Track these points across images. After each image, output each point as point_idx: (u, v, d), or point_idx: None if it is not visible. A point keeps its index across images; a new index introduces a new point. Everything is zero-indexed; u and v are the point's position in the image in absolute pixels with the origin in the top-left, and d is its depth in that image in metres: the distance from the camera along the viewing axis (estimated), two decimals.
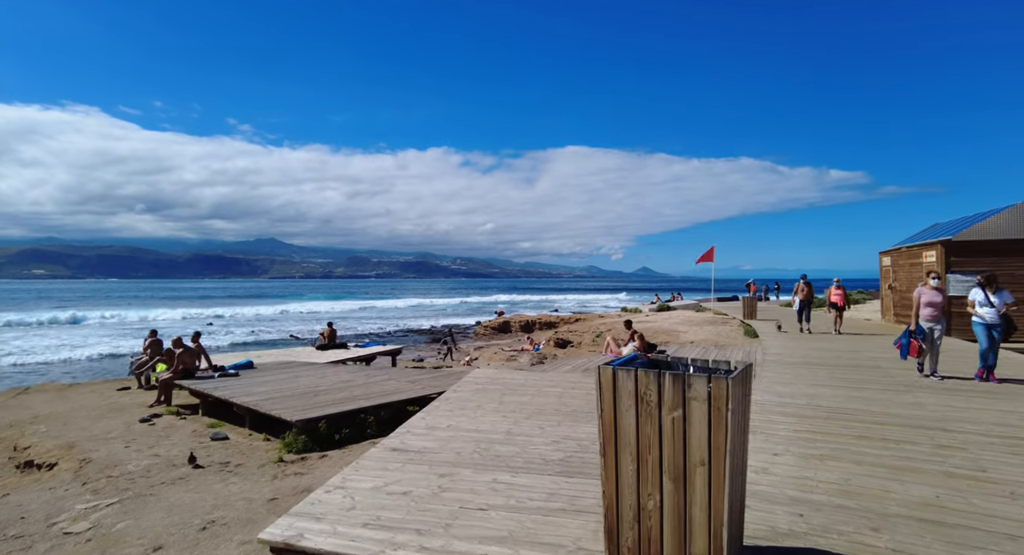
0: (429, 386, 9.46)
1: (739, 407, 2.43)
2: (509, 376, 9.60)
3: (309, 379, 10.26)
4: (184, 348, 10.58)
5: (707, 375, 2.33)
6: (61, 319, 41.49)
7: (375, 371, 11.56)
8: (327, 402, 8.35)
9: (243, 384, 9.84)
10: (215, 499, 5.56)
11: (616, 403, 2.48)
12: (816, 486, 3.99)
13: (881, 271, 20.87)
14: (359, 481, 4.64)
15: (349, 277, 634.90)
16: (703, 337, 17.95)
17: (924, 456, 4.66)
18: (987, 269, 14.34)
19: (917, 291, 8.62)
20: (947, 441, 5.11)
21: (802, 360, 10.53)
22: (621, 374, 2.48)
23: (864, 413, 6.23)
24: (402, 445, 5.64)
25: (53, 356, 23.48)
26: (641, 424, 2.45)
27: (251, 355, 15.77)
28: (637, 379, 2.45)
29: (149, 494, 5.71)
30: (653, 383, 2.41)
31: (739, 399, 2.41)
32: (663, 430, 2.41)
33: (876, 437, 5.25)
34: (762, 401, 6.86)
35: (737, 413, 2.38)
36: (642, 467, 2.46)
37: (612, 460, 2.52)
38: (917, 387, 7.73)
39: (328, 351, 15.48)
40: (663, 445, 2.42)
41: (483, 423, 6.43)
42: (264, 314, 51.87)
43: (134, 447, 7.60)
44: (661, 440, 2.42)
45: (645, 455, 2.45)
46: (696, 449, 2.35)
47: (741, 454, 2.56)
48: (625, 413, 2.47)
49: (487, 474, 4.73)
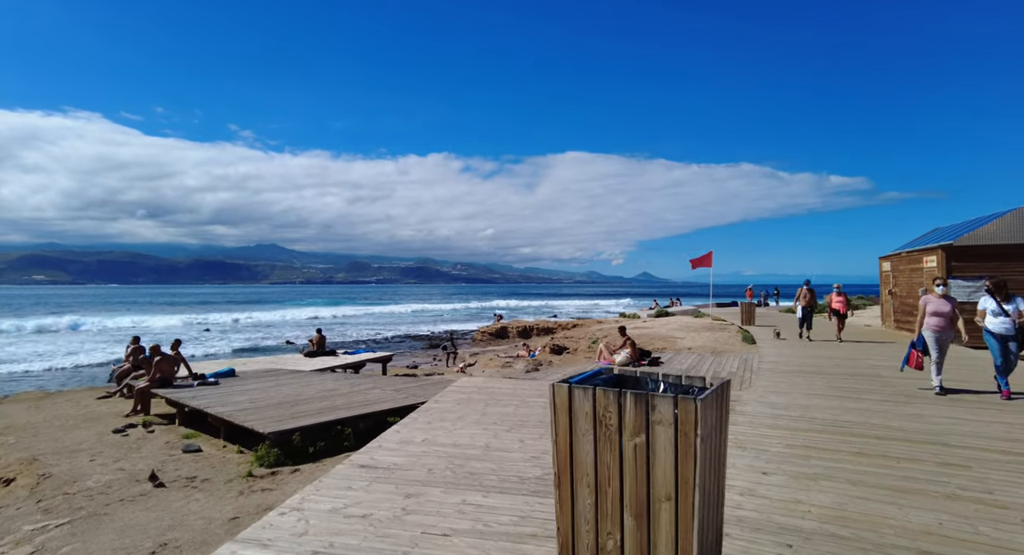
0: (413, 395, 9.13)
1: (712, 432, 2.11)
2: (496, 385, 9.28)
3: (291, 388, 9.94)
4: (162, 356, 10.27)
5: (674, 396, 2.02)
6: (55, 325, 41.19)
7: (360, 379, 11.23)
8: (305, 412, 8.03)
9: (221, 393, 9.52)
10: (172, 518, 5.24)
11: (572, 427, 2.18)
12: (808, 511, 3.66)
13: (881, 276, 20.55)
14: (318, 502, 4.32)
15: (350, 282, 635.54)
16: (700, 343, 17.61)
17: (926, 476, 4.33)
18: (989, 274, 14.02)
19: (923, 299, 7.94)
20: (950, 458, 4.78)
21: (799, 368, 10.20)
22: (577, 393, 2.17)
23: (862, 426, 5.90)
24: (371, 461, 5.33)
25: (42, 363, 23.18)
26: (600, 451, 2.14)
27: (239, 362, 15.46)
28: (595, 399, 2.14)
29: (104, 513, 5.38)
30: (613, 404, 2.10)
31: (712, 423, 2.10)
32: (624, 458, 2.10)
33: (874, 453, 4.93)
34: (754, 413, 6.54)
35: (710, 439, 2.06)
36: (601, 500, 2.15)
37: (568, 492, 2.20)
38: (917, 398, 7.39)
39: (316, 358, 15.15)
40: (624, 476, 2.10)
41: (461, 436, 6.11)
42: (262, 320, 51.57)
43: (99, 461, 7.27)
44: (622, 470, 2.11)
45: (604, 487, 2.14)
46: (661, 481, 2.04)
47: (715, 485, 2.24)
48: (582, 438, 2.16)
49: (457, 494, 4.42)
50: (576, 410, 2.17)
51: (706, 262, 27.13)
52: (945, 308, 7.68)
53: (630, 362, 11.99)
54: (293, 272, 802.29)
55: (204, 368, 12.93)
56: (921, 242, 17.76)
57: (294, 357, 16.22)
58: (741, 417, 6.35)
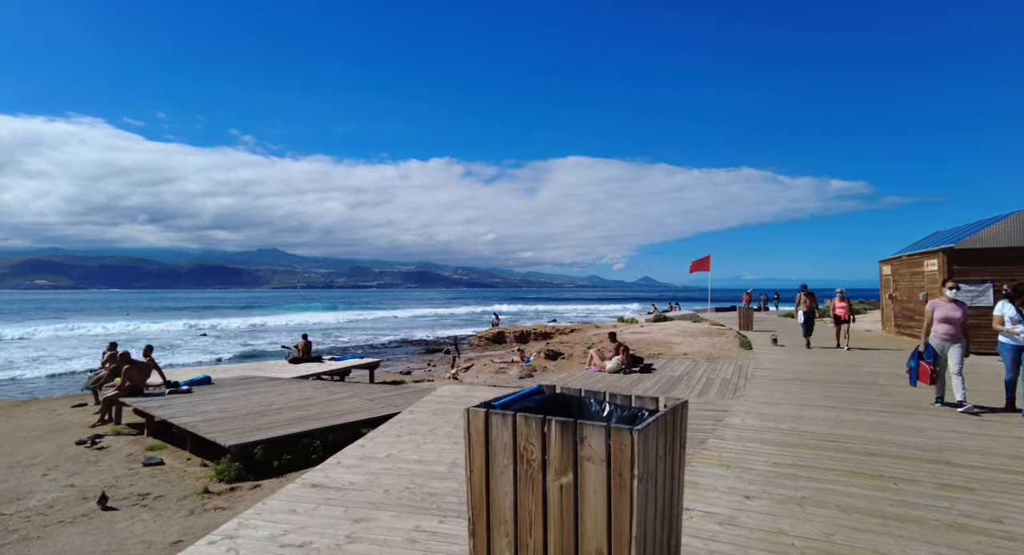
0: (390, 405, 8.73)
1: (658, 470, 1.72)
2: (476, 394, 8.88)
3: (265, 397, 9.55)
4: (132, 363, 9.89)
5: (606, 426, 1.62)
6: (48, 331, 40.82)
7: (339, 387, 10.83)
8: (273, 424, 7.64)
9: (191, 402, 9.13)
10: (110, 542, 4.84)
11: (489, 461, 1.79)
12: (791, 544, 3.24)
13: (881, 280, 20.11)
14: (255, 528, 3.93)
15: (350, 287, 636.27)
16: (697, 349, 17.18)
17: (925, 500, 3.91)
18: (994, 278, 13.59)
19: (930, 304, 7.12)
20: (952, 478, 4.36)
21: (795, 375, 9.78)
22: (495, 421, 1.78)
23: (856, 441, 5.49)
24: (325, 480, 4.93)
25: (28, 371, 22.77)
26: (521, 493, 1.75)
27: (220, 369, 15.08)
28: (515, 428, 1.75)
29: (37, 537, 4.99)
30: (536, 435, 1.71)
31: (657, 459, 1.70)
32: (549, 502, 1.71)
33: (868, 472, 4.51)
34: (742, 425, 6.13)
35: (651, 480, 1.67)
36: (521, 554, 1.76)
37: (483, 542, 1.81)
38: (916, 408, 6.97)
39: (300, 365, 14.76)
40: (548, 524, 1.72)
41: (429, 451, 5.72)
42: (261, 324, 51.16)
43: (52, 476, 6.88)
44: (546, 517, 1.72)
45: (525, 538, 1.75)
46: (591, 533, 1.65)
47: (665, 537, 1.83)
48: (500, 476, 1.77)
49: (411, 519, 4.02)
50: (493, 441, 1.78)
51: (704, 266, 26.67)
52: (956, 314, 6.87)
53: (621, 369, 11.58)
54: (294, 277, 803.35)
55: (185, 375, 12.56)
56: (922, 245, 17.34)
57: (278, 363, 15.83)
58: (728, 431, 5.94)
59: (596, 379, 10.57)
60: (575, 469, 1.67)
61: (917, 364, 7.05)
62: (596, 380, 10.46)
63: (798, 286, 16.08)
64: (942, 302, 7.04)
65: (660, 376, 10.69)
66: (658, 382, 9.93)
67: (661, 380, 10.17)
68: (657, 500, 1.72)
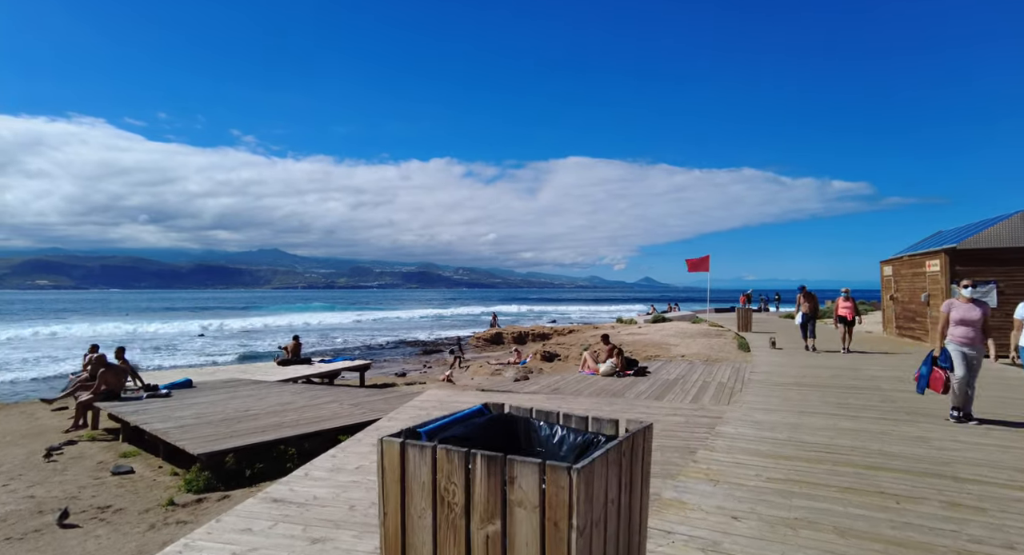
0: (373, 410, 8.42)
1: (607, 516, 1.40)
2: (461, 399, 8.56)
3: (244, 401, 9.24)
4: (107, 366, 9.58)
5: (540, 463, 1.31)
6: (45, 332, 40.58)
7: (321, 392, 10.52)
8: (248, 430, 7.33)
9: (168, 407, 8.83)
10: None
11: (405, 504, 1.48)
12: None
13: (882, 281, 19.77)
14: (204, 549, 3.62)
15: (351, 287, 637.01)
16: (695, 350, 16.86)
17: (931, 522, 3.58)
18: (997, 279, 13.26)
19: (945, 304, 6.51)
20: (960, 496, 4.04)
21: (793, 380, 9.45)
22: (412, 454, 1.47)
23: (856, 452, 5.16)
24: (289, 493, 4.62)
25: (17, 373, 22.48)
26: (441, 542, 1.43)
27: (206, 371, 14.78)
28: (435, 463, 1.43)
29: None
30: (459, 472, 1.40)
31: (605, 502, 1.39)
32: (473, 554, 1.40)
33: (868, 489, 4.19)
34: (734, 435, 5.80)
35: (597, 530, 1.35)
36: None
37: None
38: (921, 416, 6.63)
39: (289, 367, 14.44)
40: None
41: None
42: (260, 325, 50.85)
43: (13, 486, 6.57)
44: None
45: None
46: None
47: None
48: (417, 521, 1.46)
49: (372, 540, 3.70)
50: (410, 478, 1.47)
51: (703, 266, 26.33)
52: (974, 315, 6.23)
53: (615, 371, 11.26)
54: (295, 277, 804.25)
55: (171, 377, 12.25)
56: (924, 246, 17.00)
57: (267, 365, 15.52)
58: (719, 440, 5.62)
59: (588, 382, 10.25)
60: (503, 516, 1.36)
61: (930, 370, 6.44)
62: (588, 383, 10.14)
63: (796, 287, 15.71)
64: (958, 302, 6.43)
65: (654, 380, 10.37)
66: (652, 386, 9.61)
67: (655, 384, 9.85)
68: (606, 554, 1.40)
